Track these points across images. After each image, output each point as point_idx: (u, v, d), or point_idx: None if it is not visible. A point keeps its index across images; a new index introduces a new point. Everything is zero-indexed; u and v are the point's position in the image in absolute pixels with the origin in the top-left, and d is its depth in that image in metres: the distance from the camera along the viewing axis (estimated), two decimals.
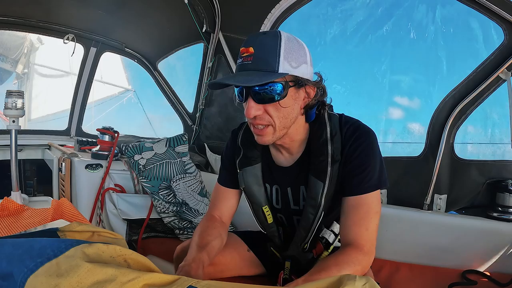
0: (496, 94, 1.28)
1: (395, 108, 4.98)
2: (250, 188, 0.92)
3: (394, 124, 4.82)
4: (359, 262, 0.73)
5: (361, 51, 4.40)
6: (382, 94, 4.01)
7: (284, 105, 0.76)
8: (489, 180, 1.35)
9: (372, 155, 0.80)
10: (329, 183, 0.81)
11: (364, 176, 0.78)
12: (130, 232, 1.74)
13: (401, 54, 4.26)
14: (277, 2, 1.69)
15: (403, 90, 4.43)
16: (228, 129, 2.22)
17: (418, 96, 4.27)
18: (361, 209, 0.77)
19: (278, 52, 0.72)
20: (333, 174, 0.80)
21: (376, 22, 2.76)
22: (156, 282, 0.50)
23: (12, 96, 1.26)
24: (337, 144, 0.81)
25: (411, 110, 4.20)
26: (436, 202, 1.41)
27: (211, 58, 2.14)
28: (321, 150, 0.81)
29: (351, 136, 0.81)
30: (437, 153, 1.38)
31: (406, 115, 4.60)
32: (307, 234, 0.87)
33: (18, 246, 0.53)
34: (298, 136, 0.85)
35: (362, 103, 5.64)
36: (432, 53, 2.06)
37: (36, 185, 2.54)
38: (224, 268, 0.97)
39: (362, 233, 0.76)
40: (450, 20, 1.72)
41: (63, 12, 2.10)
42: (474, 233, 1.27)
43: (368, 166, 0.79)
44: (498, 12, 1.18)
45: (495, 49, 1.25)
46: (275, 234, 0.95)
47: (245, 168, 0.92)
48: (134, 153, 1.92)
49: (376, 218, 0.78)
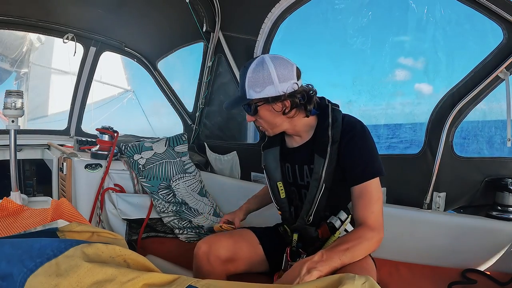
0: (495, 93, 1.29)
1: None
2: (268, 166, 1.16)
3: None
4: (371, 238, 0.88)
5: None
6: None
7: (262, 117, 1.04)
8: (487, 178, 1.35)
9: (370, 147, 0.97)
10: (329, 160, 0.98)
11: (364, 166, 0.95)
12: (130, 232, 1.74)
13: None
14: (277, 1, 1.69)
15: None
16: (228, 128, 2.22)
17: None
18: (366, 196, 0.93)
19: (244, 83, 1.00)
20: (332, 153, 0.98)
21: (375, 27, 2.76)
22: (155, 282, 0.50)
23: (11, 96, 1.25)
24: (337, 129, 0.99)
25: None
26: (435, 200, 1.41)
27: (211, 58, 2.14)
28: (323, 133, 1.01)
29: (351, 130, 0.98)
30: (436, 151, 1.38)
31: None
32: (311, 205, 1.03)
33: (18, 246, 0.53)
34: (302, 127, 1.07)
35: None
36: (432, 53, 2.06)
37: (36, 185, 2.54)
38: (241, 264, 1.12)
39: (369, 216, 0.91)
40: (450, 20, 1.72)
41: (63, 12, 2.10)
42: (474, 232, 1.28)
43: (366, 158, 0.96)
44: (498, 12, 1.18)
45: (494, 49, 1.25)
46: (286, 209, 1.13)
47: (266, 150, 1.17)
48: (134, 152, 1.91)
49: (379, 202, 0.94)
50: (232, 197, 1.85)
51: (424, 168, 1.42)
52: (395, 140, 26.76)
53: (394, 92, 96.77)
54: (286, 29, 1.76)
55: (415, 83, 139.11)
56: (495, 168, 1.36)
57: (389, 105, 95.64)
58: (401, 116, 58.14)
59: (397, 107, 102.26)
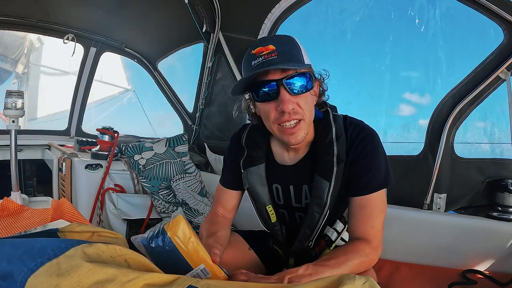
0: (496, 93, 1.29)
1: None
2: (254, 188, 0.93)
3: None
4: (366, 254, 0.76)
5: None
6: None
7: (311, 97, 0.79)
8: (488, 179, 1.35)
9: (378, 156, 0.82)
10: (334, 182, 0.82)
11: (370, 176, 0.80)
12: (130, 232, 1.74)
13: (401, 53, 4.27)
14: (277, 2, 1.69)
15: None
16: (228, 128, 2.22)
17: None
18: (367, 208, 0.80)
19: (299, 47, 0.76)
20: (338, 174, 0.82)
21: (375, 20, 2.75)
22: (156, 282, 0.50)
23: (12, 96, 1.25)
24: (343, 144, 0.83)
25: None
26: (436, 201, 1.41)
27: (211, 58, 2.14)
28: (327, 150, 0.83)
29: (357, 137, 0.83)
30: (436, 152, 1.38)
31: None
32: (312, 232, 0.88)
33: (19, 246, 0.53)
34: (307, 136, 0.85)
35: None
36: (432, 52, 2.06)
37: (36, 185, 2.53)
38: (226, 267, 0.98)
39: (369, 230, 0.79)
40: (450, 20, 1.72)
41: (63, 12, 2.10)
42: (474, 233, 1.27)
43: (373, 167, 0.81)
44: (498, 12, 1.18)
45: (494, 49, 1.25)
46: (278, 232, 0.97)
47: (249, 168, 0.93)
48: (134, 153, 1.91)
49: (381, 216, 0.81)
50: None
51: (425, 169, 1.42)
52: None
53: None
54: (286, 29, 1.76)
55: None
56: (495, 169, 1.35)
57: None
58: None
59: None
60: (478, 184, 1.36)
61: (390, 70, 3.99)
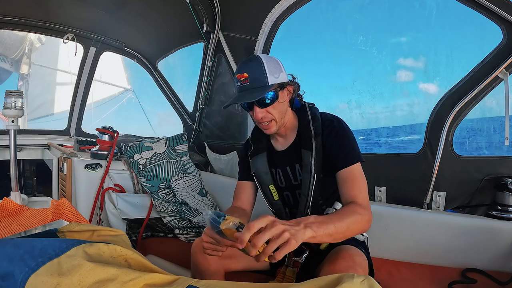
0: (494, 93, 1.29)
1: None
2: (258, 172, 1.17)
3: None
4: (360, 213, 0.88)
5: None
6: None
7: (278, 105, 1.05)
8: (487, 176, 1.35)
9: (349, 136, 1.04)
10: (315, 151, 1.05)
11: (347, 152, 1.01)
12: (130, 232, 1.74)
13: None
14: (277, 2, 1.69)
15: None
16: (228, 128, 2.22)
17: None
18: (351, 177, 0.98)
19: (264, 71, 1.00)
20: (317, 144, 1.05)
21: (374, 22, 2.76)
22: (156, 282, 0.50)
23: (11, 96, 1.25)
24: (318, 123, 1.07)
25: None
26: (435, 199, 1.42)
27: (211, 58, 2.14)
28: (305, 129, 1.09)
29: (327, 119, 1.07)
30: (436, 151, 1.38)
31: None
32: (307, 198, 1.06)
33: (19, 246, 0.53)
34: (290, 124, 1.13)
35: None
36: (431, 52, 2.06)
37: (36, 185, 2.54)
38: (238, 260, 1.12)
39: (357, 194, 0.95)
40: (450, 19, 1.72)
41: (63, 12, 2.10)
42: (473, 232, 1.28)
43: (348, 145, 1.02)
44: (497, 12, 1.18)
45: (493, 49, 1.25)
46: (281, 210, 1.15)
47: (255, 157, 1.19)
48: (134, 152, 1.92)
49: (364, 183, 0.99)
50: (232, 197, 1.85)
51: (424, 168, 1.42)
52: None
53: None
54: (286, 29, 1.76)
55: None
56: (494, 167, 1.36)
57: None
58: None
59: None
60: (477, 182, 1.37)
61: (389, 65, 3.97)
